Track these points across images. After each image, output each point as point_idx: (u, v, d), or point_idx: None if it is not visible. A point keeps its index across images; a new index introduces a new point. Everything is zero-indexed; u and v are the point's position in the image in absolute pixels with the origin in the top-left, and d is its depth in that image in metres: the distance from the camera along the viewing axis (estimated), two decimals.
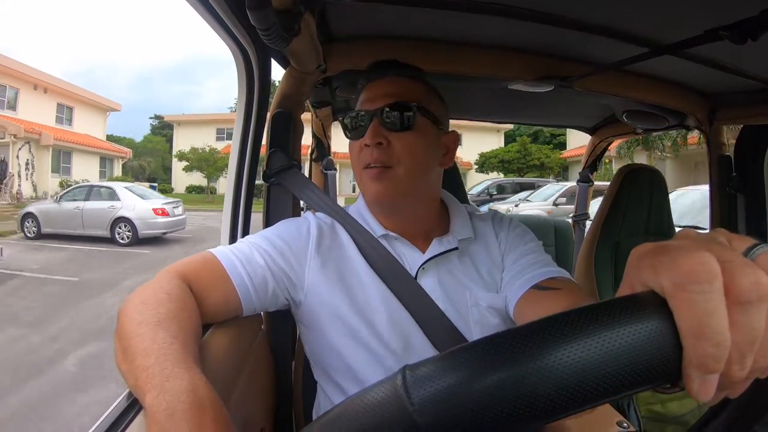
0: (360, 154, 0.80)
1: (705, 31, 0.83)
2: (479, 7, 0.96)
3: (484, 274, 0.84)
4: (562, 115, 2.17)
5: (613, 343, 0.27)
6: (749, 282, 0.27)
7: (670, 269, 0.28)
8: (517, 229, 0.89)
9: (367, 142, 0.78)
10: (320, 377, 0.86)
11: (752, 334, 0.27)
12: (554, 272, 0.78)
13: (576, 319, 0.28)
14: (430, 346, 0.77)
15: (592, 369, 0.27)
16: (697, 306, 0.27)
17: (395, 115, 0.78)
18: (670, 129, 1.75)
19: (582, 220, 2.52)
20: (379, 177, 0.78)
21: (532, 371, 0.27)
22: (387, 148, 0.78)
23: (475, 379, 0.27)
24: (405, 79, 0.84)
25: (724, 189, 1.62)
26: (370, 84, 0.85)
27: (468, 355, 0.29)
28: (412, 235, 0.86)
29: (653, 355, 0.27)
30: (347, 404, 0.32)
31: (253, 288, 0.76)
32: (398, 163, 0.78)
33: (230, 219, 1.09)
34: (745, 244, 0.30)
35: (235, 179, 1.10)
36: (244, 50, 1.01)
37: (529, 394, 0.27)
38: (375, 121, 0.79)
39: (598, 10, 0.94)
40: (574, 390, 0.27)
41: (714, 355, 0.26)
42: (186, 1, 0.78)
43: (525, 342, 0.28)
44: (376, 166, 0.78)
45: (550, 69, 1.21)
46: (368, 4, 0.96)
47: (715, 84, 1.39)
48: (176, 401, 0.46)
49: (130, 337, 0.56)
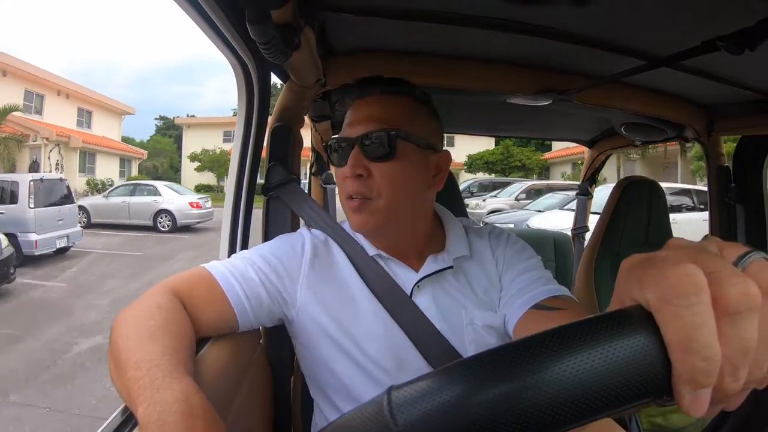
0: (344, 183, 0.78)
1: (702, 42, 0.84)
2: (478, 22, 0.96)
3: (480, 293, 0.82)
4: (560, 128, 2.18)
5: (600, 359, 0.26)
6: (737, 292, 0.26)
7: (655, 283, 0.27)
8: (515, 246, 0.86)
9: (347, 174, 0.76)
10: (316, 395, 0.85)
11: (744, 345, 0.26)
12: (556, 291, 0.76)
13: (561, 337, 0.28)
14: (425, 365, 0.76)
15: (578, 386, 0.26)
16: (683, 319, 0.26)
17: (375, 144, 0.75)
18: (669, 141, 1.76)
19: (581, 233, 2.52)
20: (359, 209, 0.76)
21: (516, 391, 0.26)
22: (367, 179, 0.76)
23: (459, 400, 0.27)
24: (390, 96, 0.80)
25: (723, 200, 1.62)
26: (356, 103, 0.82)
27: (452, 375, 0.29)
28: (403, 254, 0.84)
29: (641, 370, 0.26)
30: (336, 424, 0.32)
31: (248, 303, 0.75)
32: (378, 195, 0.76)
33: (229, 231, 1.08)
34: (736, 253, 0.29)
35: (235, 191, 1.10)
36: (244, 64, 1.01)
37: (513, 415, 0.26)
38: (355, 150, 0.76)
39: (596, 23, 0.95)
40: (559, 409, 0.26)
41: (704, 369, 0.26)
42: (186, 14, 0.78)
43: (509, 362, 0.28)
44: (357, 198, 0.76)
45: (548, 82, 1.22)
46: (367, 18, 0.97)
47: (713, 95, 1.40)
48: (167, 411, 0.46)
49: (121, 351, 0.56)
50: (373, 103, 0.80)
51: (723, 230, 1.63)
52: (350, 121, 0.80)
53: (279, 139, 1.08)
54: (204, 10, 0.78)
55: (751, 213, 1.58)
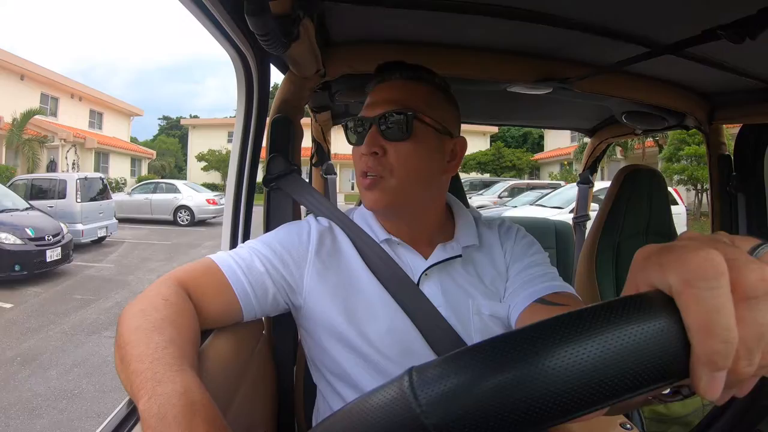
0: (360, 161, 0.80)
1: (703, 30, 0.83)
2: (477, 9, 0.96)
3: (487, 283, 0.83)
4: (561, 116, 2.17)
5: (621, 341, 0.27)
6: (755, 278, 0.27)
7: (677, 267, 0.28)
8: (523, 240, 0.88)
9: (363, 151, 0.78)
10: (319, 381, 0.86)
11: (759, 330, 0.27)
12: (560, 287, 0.77)
13: (583, 318, 0.28)
14: (431, 353, 0.76)
15: (601, 368, 0.26)
16: (705, 302, 0.26)
17: (393, 124, 0.77)
18: (670, 129, 1.75)
19: (582, 222, 2.52)
20: (371, 186, 0.78)
21: (539, 372, 0.26)
22: (382, 158, 0.77)
23: (483, 379, 0.27)
24: (410, 82, 0.81)
25: (725, 189, 1.61)
26: (376, 87, 0.83)
27: (475, 355, 0.29)
28: (415, 240, 0.85)
29: (661, 352, 0.27)
30: (351, 407, 0.31)
31: (253, 294, 0.76)
32: (390, 173, 0.77)
33: (231, 223, 1.09)
34: (749, 244, 0.30)
35: (235, 184, 1.10)
36: (243, 56, 1.01)
37: (536, 396, 0.26)
38: (373, 129, 0.78)
39: (597, 10, 0.94)
40: (583, 390, 0.26)
41: (722, 351, 0.26)
42: (184, 6, 0.78)
43: (532, 342, 0.28)
44: (371, 175, 0.78)
45: (549, 71, 1.21)
46: (367, 8, 0.96)
47: (714, 84, 1.39)
48: (167, 404, 0.46)
49: (126, 344, 0.56)
50: (394, 87, 0.81)
51: (724, 219, 1.63)
52: (369, 103, 0.82)
53: (279, 130, 1.08)
54: (202, 2, 0.77)
55: (752, 202, 1.58)
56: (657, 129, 1.82)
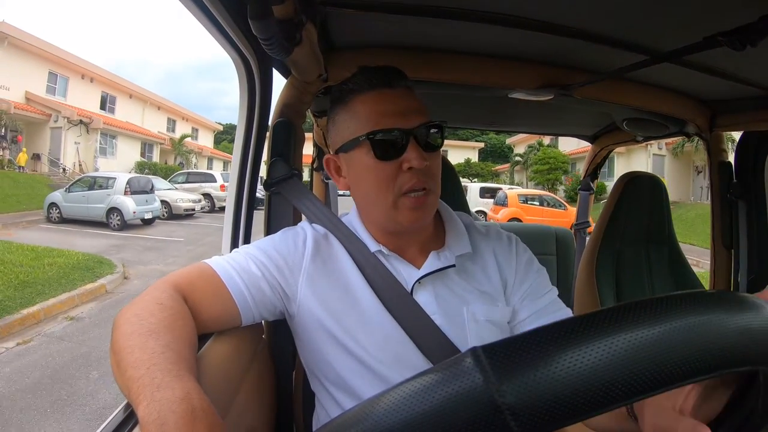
0: (397, 178, 0.74)
1: (704, 37, 0.83)
2: (480, 17, 0.96)
3: (482, 289, 0.82)
4: (562, 123, 2.17)
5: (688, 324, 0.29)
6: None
7: None
8: (523, 256, 0.87)
9: (415, 165, 0.72)
10: (317, 388, 0.85)
11: None
12: (557, 308, 0.81)
13: (663, 304, 0.30)
14: (424, 361, 0.75)
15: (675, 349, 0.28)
16: None
17: (434, 135, 0.75)
18: (670, 136, 1.75)
19: (583, 228, 2.52)
20: (423, 204, 0.75)
21: (630, 347, 0.28)
22: (427, 171, 0.75)
23: (564, 360, 0.27)
24: (411, 90, 0.79)
25: (725, 196, 1.61)
26: (383, 93, 0.76)
27: (550, 335, 0.29)
28: (405, 250, 0.83)
29: None
30: (391, 393, 0.29)
31: (250, 296, 0.75)
32: (435, 186, 0.76)
33: (231, 227, 1.09)
34: None
35: (236, 187, 1.10)
36: (246, 59, 1.01)
37: (624, 372, 0.27)
38: (414, 141, 0.73)
39: (598, 18, 0.95)
40: (659, 371, 0.28)
41: None
42: (188, 10, 0.78)
43: (617, 319, 0.29)
44: (421, 192, 0.74)
45: (550, 77, 1.22)
46: (369, 13, 0.97)
47: (714, 91, 1.40)
48: (167, 411, 0.45)
49: (122, 349, 0.55)
50: (407, 95, 0.78)
51: (724, 226, 1.63)
52: (388, 111, 0.75)
53: (281, 134, 1.08)
54: (205, 6, 0.78)
55: (753, 209, 1.58)
56: (658, 136, 1.82)
